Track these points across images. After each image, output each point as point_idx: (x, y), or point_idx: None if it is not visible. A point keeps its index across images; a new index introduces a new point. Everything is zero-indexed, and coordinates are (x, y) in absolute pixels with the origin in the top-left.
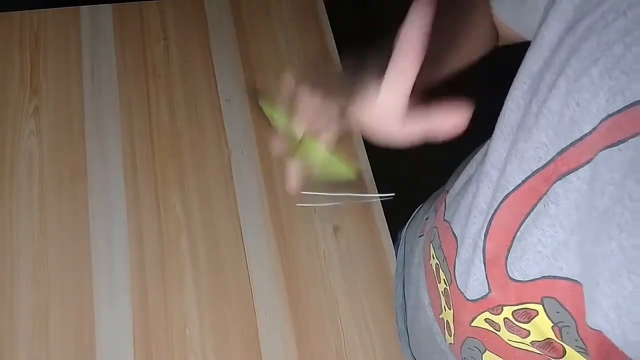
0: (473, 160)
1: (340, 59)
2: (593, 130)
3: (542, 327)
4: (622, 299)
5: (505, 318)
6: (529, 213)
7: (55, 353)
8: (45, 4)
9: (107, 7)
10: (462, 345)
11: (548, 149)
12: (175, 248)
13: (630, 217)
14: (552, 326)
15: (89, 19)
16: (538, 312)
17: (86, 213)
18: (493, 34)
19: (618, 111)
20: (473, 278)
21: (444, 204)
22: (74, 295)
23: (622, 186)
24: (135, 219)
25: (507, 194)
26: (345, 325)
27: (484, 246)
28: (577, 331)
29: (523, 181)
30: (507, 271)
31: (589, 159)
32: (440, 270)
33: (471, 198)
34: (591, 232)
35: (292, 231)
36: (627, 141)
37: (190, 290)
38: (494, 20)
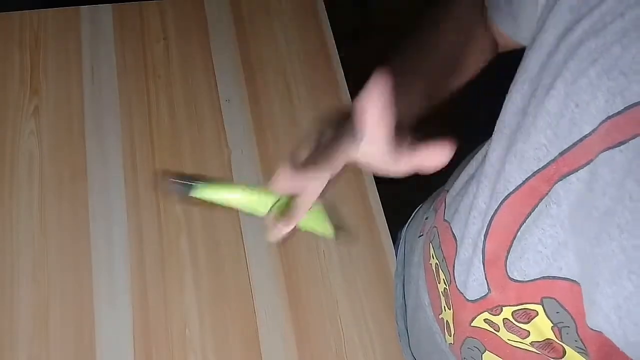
0: (473, 160)
1: (340, 59)
2: (592, 131)
3: (542, 328)
4: (623, 300)
5: (504, 319)
6: (530, 213)
7: (55, 353)
8: (45, 4)
9: (107, 7)
10: (462, 345)
11: (548, 150)
12: (175, 248)
13: (630, 218)
14: (552, 327)
15: (89, 19)
16: (538, 313)
17: (86, 213)
18: (492, 46)
19: (618, 113)
20: (472, 278)
21: (444, 204)
22: (74, 295)
23: (623, 187)
24: (135, 219)
25: (508, 195)
26: (345, 325)
27: (484, 246)
28: (577, 332)
29: (523, 181)
30: (507, 271)
31: (589, 160)
32: (439, 270)
33: (471, 198)
34: (591, 233)
35: None
36: (628, 142)
37: (190, 290)
38: (492, 29)
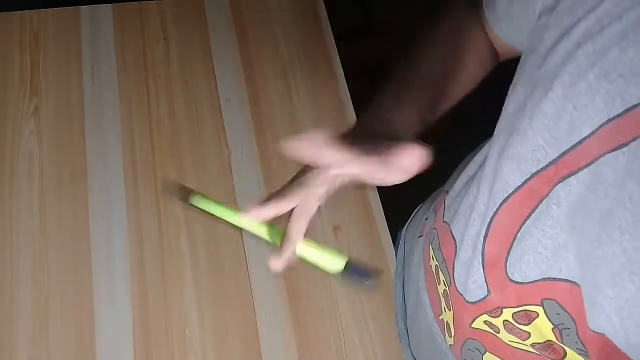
0: (472, 162)
1: (340, 59)
2: (592, 134)
3: (543, 329)
4: (624, 302)
5: (504, 320)
6: (530, 214)
7: (55, 353)
8: (45, 4)
9: (107, 7)
10: (463, 346)
11: (546, 152)
12: (175, 248)
13: (631, 219)
14: (553, 328)
15: (89, 19)
16: (538, 314)
17: (86, 213)
18: (492, 56)
19: (618, 115)
20: (472, 280)
21: (443, 205)
22: (74, 295)
23: (623, 188)
24: (135, 219)
25: (507, 197)
26: (345, 325)
27: (483, 249)
28: (577, 333)
29: (522, 183)
30: (507, 273)
31: (588, 162)
32: (439, 271)
33: (471, 200)
34: (592, 234)
35: None
36: (629, 144)
37: (190, 290)
38: (491, 36)
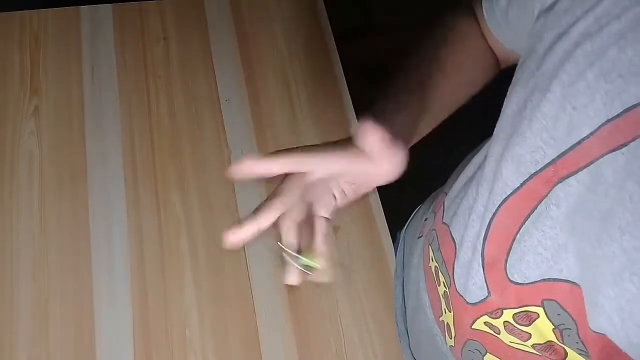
0: (471, 162)
1: (340, 59)
2: (591, 134)
3: (543, 330)
4: (625, 302)
5: (505, 321)
6: (529, 215)
7: (55, 353)
8: (45, 4)
9: (107, 7)
10: (463, 347)
11: (545, 152)
12: (175, 248)
13: (631, 219)
14: (553, 329)
15: (89, 19)
16: (539, 315)
17: (86, 213)
18: (492, 62)
19: (617, 115)
20: (472, 281)
21: (443, 207)
22: (74, 295)
23: (623, 188)
24: (135, 219)
25: (506, 198)
26: (345, 325)
27: (483, 250)
28: (578, 334)
29: (521, 184)
30: (507, 274)
31: (588, 163)
32: (439, 273)
33: (471, 202)
34: (592, 235)
35: None
36: (629, 144)
37: (190, 290)
38: (492, 42)
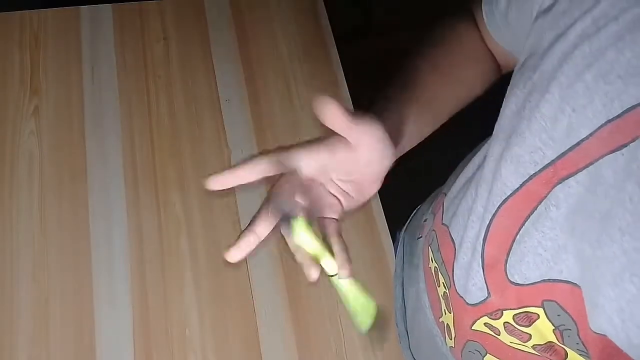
0: (470, 163)
1: (340, 59)
2: (590, 135)
3: (544, 331)
4: (626, 303)
5: (505, 322)
6: (529, 216)
7: (55, 353)
8: (45, 4)
9: (107, 7)
10: (463, 348)
11: (544, 153)
12: (175, 248)
13: (631, 220)
14: (553, 329)
15: (89, 19)
16: (539, 316)
17: (86, 213)
18: (492, 66)
19: (617, 116)
20: (472, 282)
21: (442, 207)
22: (74, 295)
23: (623, 189)
24: (135, 219)
25: (505, 199)
26: (345, 325)
27: (483, 251)
28: (578, 334)
29: (521, 185)
30: (507, 275)
31: (587, 164)
32: (439, 273)
33: (470, 203)
34: (592, 235)
35: None
36: (629, 145)
37: (190, 290)
38: (491, 46)
